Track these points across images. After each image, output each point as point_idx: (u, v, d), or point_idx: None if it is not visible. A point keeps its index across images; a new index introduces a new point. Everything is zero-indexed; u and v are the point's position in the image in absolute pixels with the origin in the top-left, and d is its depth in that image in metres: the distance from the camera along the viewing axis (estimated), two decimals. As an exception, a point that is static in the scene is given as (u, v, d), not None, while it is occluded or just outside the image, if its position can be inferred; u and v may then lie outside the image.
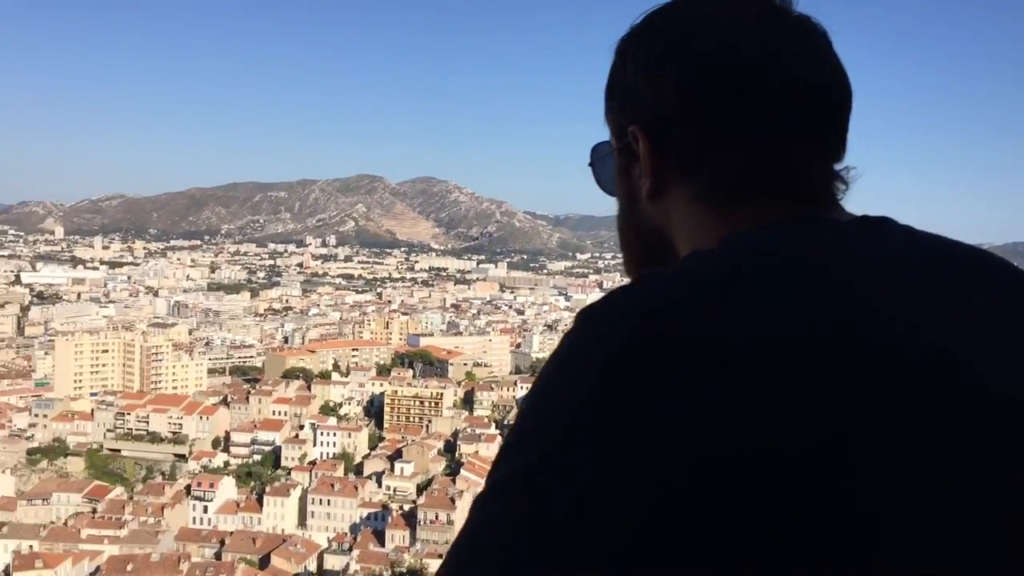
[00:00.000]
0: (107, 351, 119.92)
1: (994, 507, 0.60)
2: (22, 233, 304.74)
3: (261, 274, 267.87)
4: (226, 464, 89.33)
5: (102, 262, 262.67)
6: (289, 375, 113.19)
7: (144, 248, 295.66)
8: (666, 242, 0.87)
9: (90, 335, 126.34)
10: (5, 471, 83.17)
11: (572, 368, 0.66)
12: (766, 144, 0.81)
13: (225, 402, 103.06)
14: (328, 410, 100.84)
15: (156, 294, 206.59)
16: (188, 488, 77.63)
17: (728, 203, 0.82)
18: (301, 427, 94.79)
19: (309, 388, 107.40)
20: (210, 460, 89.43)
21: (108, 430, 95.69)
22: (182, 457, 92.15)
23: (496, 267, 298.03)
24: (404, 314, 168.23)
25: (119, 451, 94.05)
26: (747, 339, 0.62)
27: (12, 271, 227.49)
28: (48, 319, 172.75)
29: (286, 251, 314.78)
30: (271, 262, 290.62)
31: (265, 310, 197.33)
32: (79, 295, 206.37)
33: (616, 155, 0.90)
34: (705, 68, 0.81)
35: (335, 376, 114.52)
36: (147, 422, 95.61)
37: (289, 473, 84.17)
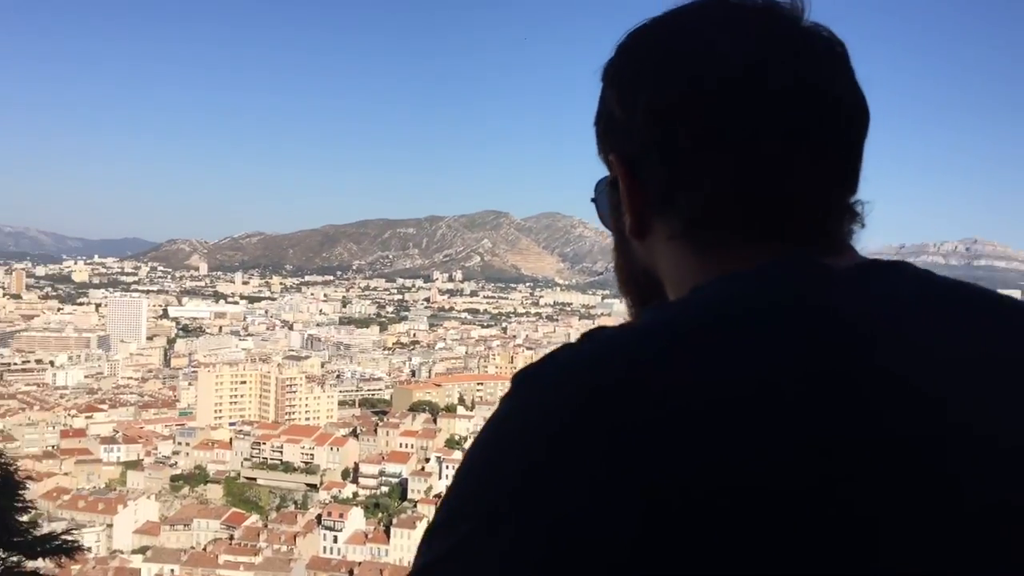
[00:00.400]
0: (245, 382, 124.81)
1: (984, 521, 0.58)
2: (170, 269, 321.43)
3: (390, 309, 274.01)
4: (355, 495, 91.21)
5: (242, 297, 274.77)
6: (416, 408, 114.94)
7: (281, 283, 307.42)
8: (657, 284, 0.80)
9: (230, 367, 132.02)
10: (151, 497, 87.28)
11: (515, 433, 0.61)
12: (749, 175, 0.70)
13: (355, 434, 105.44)
14: (454, 444, 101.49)
15: (291, 328, 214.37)
16: (319, 517, 79.48)
17: (708, 243, 0.73)
18: (427, 460, 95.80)
19: (435, 421, 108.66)
20: (340, 491, 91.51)
21: (245, 459, 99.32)
22: (313, 487, 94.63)
23: (621, 302, 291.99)
24: (529, 349, 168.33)
25: (255, 479, 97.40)
26: (706, 387, 0.58)
27: (161, 306, 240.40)
28: (192, 351, 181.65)
29: (414, 286, 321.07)
30: (399, 297, 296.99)
31: (393, 344, 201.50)
32: (220, 328, 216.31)
33: (607, 189, 0.82)
34: (678, 88, 0.72)
35: (460, 410, 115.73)
36: (281, 452, 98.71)
37: (415, 505, 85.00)
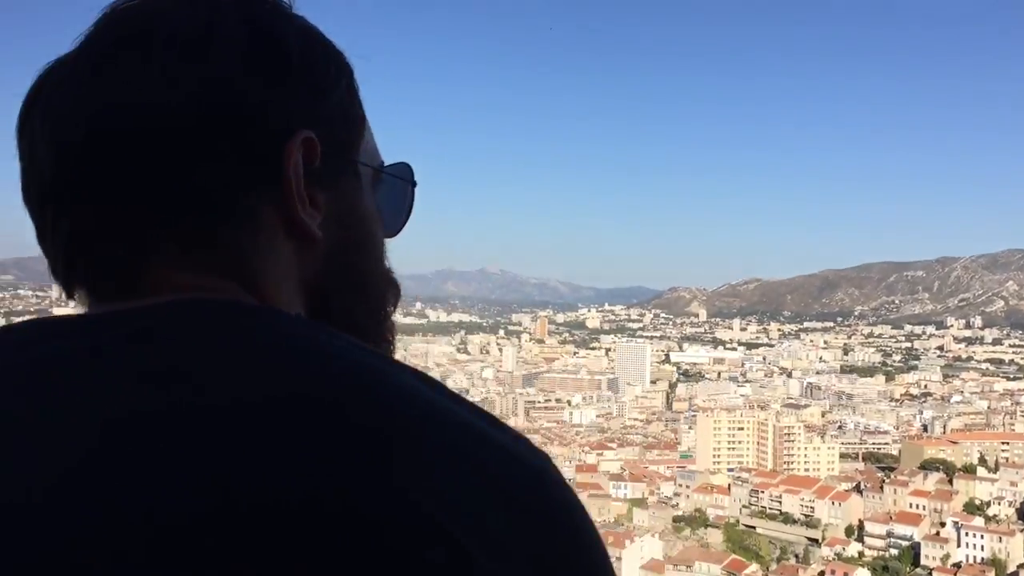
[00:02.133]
0: (742, 428, 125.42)
1: None
2: (671, 316, 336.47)
3: (897, 357, 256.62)
4: (860, 554, 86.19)
5: (739, 343, 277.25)
6: (927, 466, 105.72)
7: (778, 330, 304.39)
8: None
9: (727, 412, 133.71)
10: (655, 535, 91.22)
11: None
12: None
13: (858, 489, 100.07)
14: (973, 508, 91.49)
15: (789, 375, 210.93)
16: (821, 574, 76.53)
17: None
18: (942, 524, 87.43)
19: (951, 482, 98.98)
20: (844, 548, 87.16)
21: (743, 506, 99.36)
22: (815, 541, 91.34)
23: None
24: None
25: (753, 528, 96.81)
26: None
27: (663, 351, 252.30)
28: (692, 395, 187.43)
29: (924, 333, 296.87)
30: (907, 345, 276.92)
31: (901, 395, 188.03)
32: (719, 374, 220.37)
33: None
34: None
35: (981, 471, 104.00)
36: (779, 502, 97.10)
37: (930, 573, 78.06)
